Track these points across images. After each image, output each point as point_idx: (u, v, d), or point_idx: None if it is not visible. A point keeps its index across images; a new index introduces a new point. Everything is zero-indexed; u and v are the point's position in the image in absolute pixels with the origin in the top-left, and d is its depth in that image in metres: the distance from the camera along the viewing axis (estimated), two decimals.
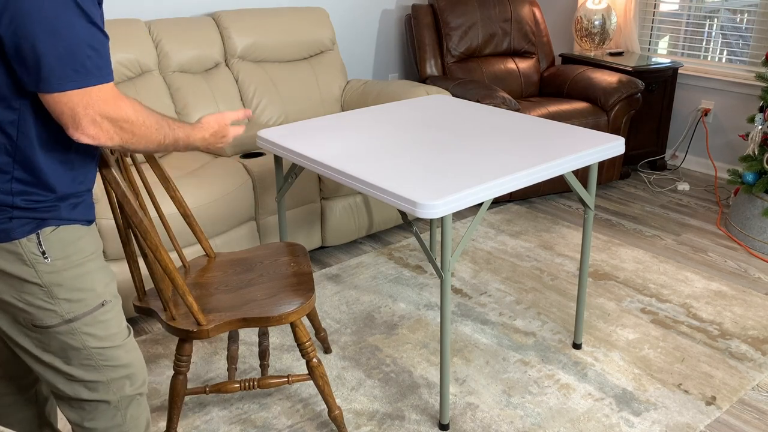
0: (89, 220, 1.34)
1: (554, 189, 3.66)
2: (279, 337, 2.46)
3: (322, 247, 3.15)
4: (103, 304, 1.33)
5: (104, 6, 3.12)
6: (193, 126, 1.43)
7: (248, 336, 2.46)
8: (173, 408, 1.85)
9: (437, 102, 2.58)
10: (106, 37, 1.18)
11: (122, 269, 2.42)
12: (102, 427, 1.41)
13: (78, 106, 1.14)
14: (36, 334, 1.30)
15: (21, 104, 1.17)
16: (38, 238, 1.23)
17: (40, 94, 1.14)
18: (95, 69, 1.15)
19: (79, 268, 1.30)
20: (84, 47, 1.13)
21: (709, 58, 3.99)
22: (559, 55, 4.32)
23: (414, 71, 3.99)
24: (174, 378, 1.82)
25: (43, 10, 1.09)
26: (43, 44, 1.10)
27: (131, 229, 1.67)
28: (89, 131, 1.16)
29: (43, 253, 1.24)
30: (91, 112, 1.15)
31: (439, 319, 2.54)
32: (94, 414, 1.40)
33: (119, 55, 2.85)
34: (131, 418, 1.44)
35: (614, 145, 2.02)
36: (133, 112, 1.20)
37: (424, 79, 3.86)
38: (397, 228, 3.37)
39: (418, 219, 3.41)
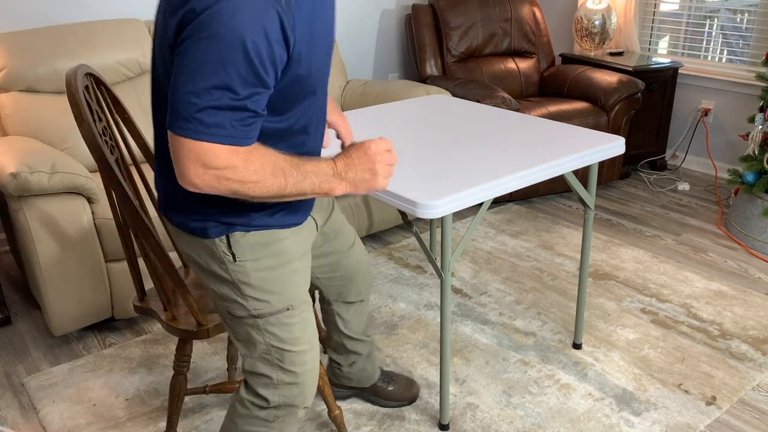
0: (293, 224, 1.36)
1: (554, 189, 3.66)
2: None
3: None
4: (288, 308, 1.37)
5: (104, 6, 3.12)
6: (333, 170, 1.23)
7: None
8: (173, 408, 1.85)
9: (437, 102, 2.58)
10: (247, 108, 1.10)
11: (122, 269, 2.42)
12: (254, 418, 1.46)
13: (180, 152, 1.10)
14: (229, 321, 1.40)
15: None
16: (228, 240, 1.30)
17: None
18: (214, 126, 1.08)
19: (269, 272, 1.34)
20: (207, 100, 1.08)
21: (709, 58, 3.98)
22: (559, 55, 4.32)
23: (414, 71, 3.99)
24: (174, 378, 1.82)
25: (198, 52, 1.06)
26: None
27: (131, 229, 1.67)
28: (190, 180, 1.11)
29: (233, 254, 1.30)
30: (192, 161, 1.09)
31: (439, 319, 2.54)
32: (253, 408, 1.45)
33: (119, 55, 2.86)
34: (279, 427, 1.46)
35: (614, 145, 2.02)
36: (240, 160, 1.11)
37: (424, 79, 3.86)
38: (397, 228, 3.37)
39: (418, 219, 3.41)
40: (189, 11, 1.07)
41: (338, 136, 1.67)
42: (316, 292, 2.64)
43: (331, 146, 1.88)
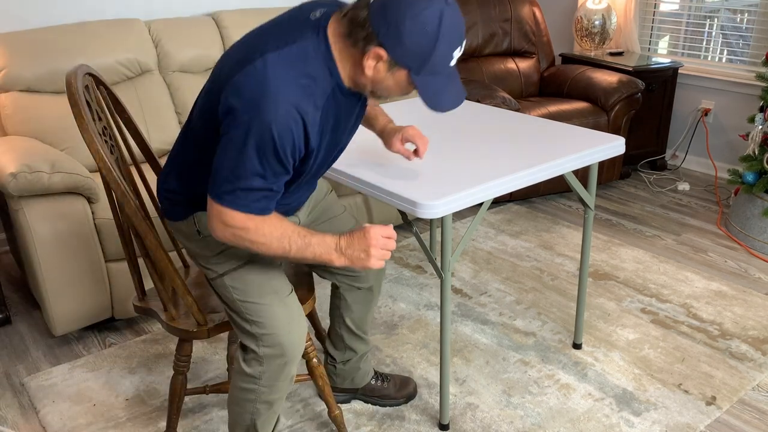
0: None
1: (554, 189, 3.66)
2: None
3: None
4: (245, 264, 1.58)
5: (104, 6, 3.12)
6: (336, 245, 1.47)
7: None
8: (173, 408, 1.85)
9: None
10: (268, 183, 1.37)
11: (122, 269, 2.42)
12: (245, 375, 1.60)
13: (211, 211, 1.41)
14: (214, 288, 1.63)
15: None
16: (194, 219, 1.58)
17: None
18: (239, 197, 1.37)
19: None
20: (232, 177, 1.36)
21: (709, 58, 3.98)
22: (559, 55, 4.32)
23: None
24: (174, 378, 1.82)
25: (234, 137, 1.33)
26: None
27: (131, 229, 1.67)
28: (214, 231, 1.42)
29: (198, 231, 1.58)
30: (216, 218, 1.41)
31: (439, 319, 2.54)
32: (243, 364, 1.60)
33: (119, 55, 2.85)
34: (267, 384, 1.59)
35: (614, 145, 2.02)
36: (253, 225, 1.39)
37: None
38: (397, 228, 3.37)
39: (418, 219, 3.41)
40: (235, 108, 1.32)
41: (416, 152, 1.79)
42: (317, 293, 2.64)
43: (413, 160, 1.88)
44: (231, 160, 1.33)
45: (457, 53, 1.35)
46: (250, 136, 1.29)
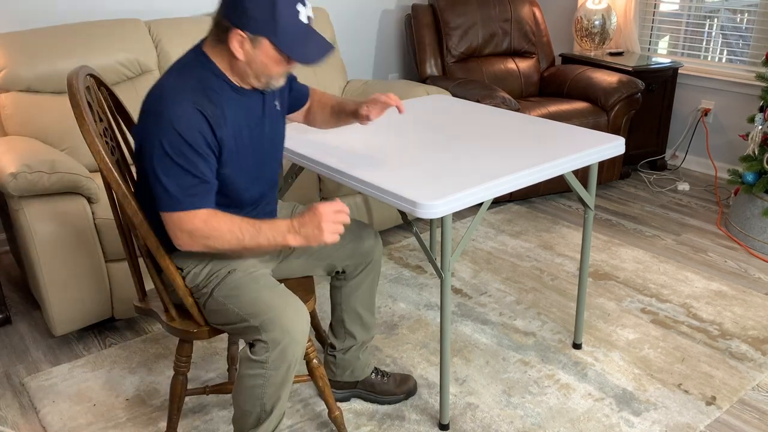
0: None
1: (554, 189, 3.66)
2: None
3: None
4: (230, 272, 1.65)
5: (104, 6, 3.12)
6: (289, 227, 1.57)
7: None
8: (173, 408, 1.85)
9: (437, 102, 2.58)
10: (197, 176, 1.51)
11: (122, 269, 2.42)
12: (256, 360, 1.61)
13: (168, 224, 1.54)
14: (212, 317, 1.69)
15: None
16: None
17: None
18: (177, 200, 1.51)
19: (205, 267, 1.70)
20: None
21: (709, 58, 3.99)
22: (559, 55, 4.32)
23: (414, 71, 3.99)
24: (174, 378, 1.82)
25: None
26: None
27: (132, 230, 1.67)
28: (178, 242, 1.54)
29: (180, 269, 1.67)
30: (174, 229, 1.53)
31: (439, 319, 2.54)
32: (252, 354, 1.61)
33: (119, 55, 2.85)
34: (274, 367, 1.60)
35: (614, 145, 2.02)
36: (202, 222, 1.51)
37: (424, 79, 3.86)
38: (397, 228, 3.37)
39: (418, 219, 3.41)
40: (144, 125, 1.51)
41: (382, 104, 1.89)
42: (317, 294, 2.64)
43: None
44: (161, 174, 1.48)
45: (303, 8, 1.50)
46: (163, 142, 1.46)
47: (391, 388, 2.12)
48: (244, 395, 1.63)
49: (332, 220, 1.55)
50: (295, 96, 1.93)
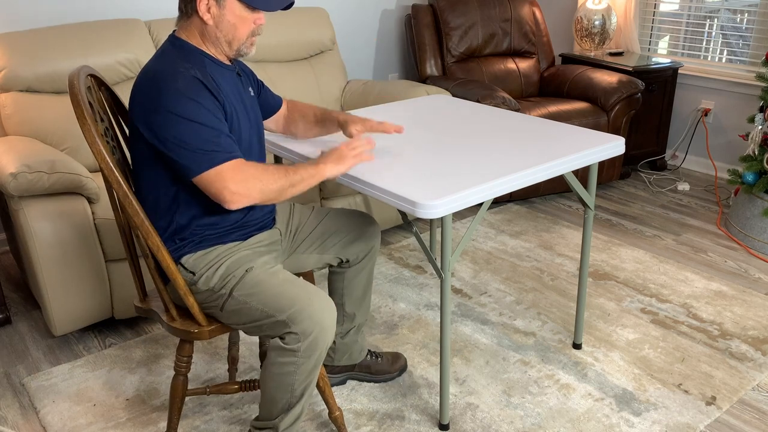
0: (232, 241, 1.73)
1: (554, 189, 3.66)
2: None
3: None
4: (247, 271, 1.65)
5: (104, 6, 3.12)
6: (317, 161, 1.69)
7: (249, 337, 2.47)
8: (173, 408, 1.85)
9: (437, 102, 2.58)
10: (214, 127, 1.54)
11: (122, 269, 2.42)
12: (288, 348, 1.61)
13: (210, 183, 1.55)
14: (229, 317, 1.69)
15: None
16: (181, 266, 1.68)
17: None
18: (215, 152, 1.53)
19: (219, 268, 1.68)
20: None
21: (709, 58, 3.99)
22: (559, 55, 4.32)
23: (414, 71, 3.99)
24: (174, 378, 1.82)
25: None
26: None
27: (133, 230, 1.67)
28: (226, 201, 1.55)
29: (192, 272, 1.66)
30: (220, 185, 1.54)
31: (439, 319, 2.54)
32: (282, 346, 1.62)
33: (119, 55, 2.86)
34: (306, 349, 1.60)
35: (614, 145, 2.02)
36: (242, 171, 1.53)
37: (424, 79, 3.86)
38: (397, 228, 3.37)
39: (418, 219, 3.41)
40: (146, 105, 1.55)
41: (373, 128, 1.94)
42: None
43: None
44: (181, 139, 1.49)
45: None
46: (173, 110, 1.48)
47: (385, 367, 2.20)
48: (274, 382, 1.63)
49: (351, 149, 1.70)
50: (266, 99, 1.97)
